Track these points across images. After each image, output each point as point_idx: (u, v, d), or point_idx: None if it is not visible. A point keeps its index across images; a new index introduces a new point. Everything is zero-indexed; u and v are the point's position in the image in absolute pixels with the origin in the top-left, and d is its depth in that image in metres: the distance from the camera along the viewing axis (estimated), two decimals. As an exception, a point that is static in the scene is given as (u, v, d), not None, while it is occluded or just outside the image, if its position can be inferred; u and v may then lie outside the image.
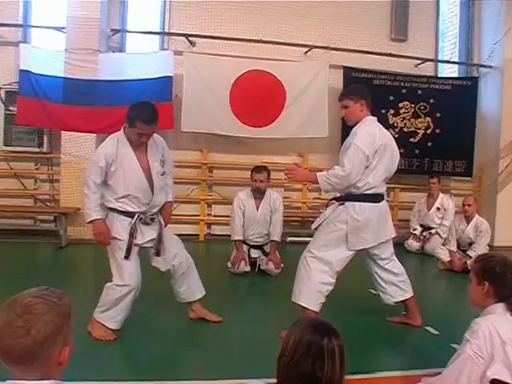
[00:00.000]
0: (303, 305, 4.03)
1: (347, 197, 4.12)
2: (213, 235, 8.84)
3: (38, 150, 8.28)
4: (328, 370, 1.61)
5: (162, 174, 4.08)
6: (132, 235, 3.90)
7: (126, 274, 3.85)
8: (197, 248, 8.36)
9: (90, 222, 3.88)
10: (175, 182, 8.75)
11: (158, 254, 4.05)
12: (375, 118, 4.26)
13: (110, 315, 3.85)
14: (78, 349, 1.70)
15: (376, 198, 4.13)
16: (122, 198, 3.89)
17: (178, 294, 4.28)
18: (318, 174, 4.08)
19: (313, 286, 4.05)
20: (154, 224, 4.06)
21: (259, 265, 6.34)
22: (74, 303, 1.63)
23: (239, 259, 6.16)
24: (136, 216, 3.92)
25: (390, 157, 4.18)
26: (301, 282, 4.11)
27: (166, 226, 4.20)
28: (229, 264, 6.31)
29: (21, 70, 7.79)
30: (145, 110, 3.94)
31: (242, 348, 3.88)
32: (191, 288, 4.28)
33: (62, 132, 7.93)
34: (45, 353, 1.48)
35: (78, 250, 7.46)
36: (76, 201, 7.82)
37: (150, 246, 4.04)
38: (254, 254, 6.43)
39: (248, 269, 6.28)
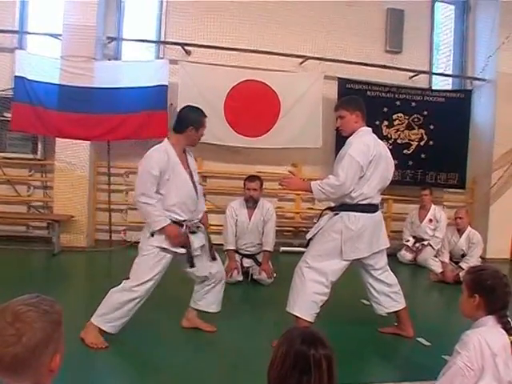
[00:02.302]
0: (297, 315, 4.03)
1: (342, 207, 4.13)
2: (206, 244, 8.82)
3: (32, 156, 8.27)
4: (315, 381, 1.60)
5: (200, 183, 4.25)
6: (190, 244, 4.00)
7: (147, 285, 3.88)
8: (190, 257, 8.33)
9: (161, 229, 3.89)
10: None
11: (214, 258, 4.23)
12: (370, 129, 4.28)
13: (109, 318, 3.84)
14: (70, 356, 1.70)
15: (371, 208, 4.14)
16: (173, 206, 3.94)
17: (195, 299, 4.34)
18: (312, 183, 4.09)
19: (307, 297, 4.05)
20: (200, 231, 4.19)
21: (252, 274, 6.33)
22: (66, 310, 1.63)
23: (232, 268, 6.16)
24: (185, 225, 4.00)
25: (385, 167, 4.20)
26: (295, 292, 4.11)
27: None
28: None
29: (16, 77, 7.80)
30: (198, 108, 4.18)
31: (235, 357, 3.87)
32: (212, 299, 4.34)
33: (57, 139, 7.93)
34: (36, 360, 1.48)
35: (70, 258, 7.44)
36: (69, 208, 7.81)
37: (198, 253, 4.12)
38: (247, 263, 6.42)
39: (240, 278, 6.27)
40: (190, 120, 4.05)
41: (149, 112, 8.03)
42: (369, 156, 4.02)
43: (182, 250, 3.99)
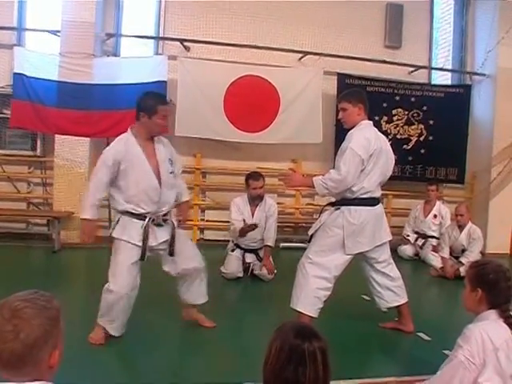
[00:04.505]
0: (300, 310, 4.05)
1: (343, 201, 4.14)
2: (206, 240, 8.82)
3: (31, 153, 8.26)
4: (310, 374, 1.60)
5: (171, 173, 4.07)
6: (146, 238, 3.88)
7: (119, 280, 3.81)
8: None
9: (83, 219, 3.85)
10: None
11: (171, 253, 4.03)
12: (371, 122, 4.30)
13: (107, 320, 3.86)
14: (70, 352, 1.70)
15: (371, 201, 4.16)
16: (132, 197, 3.86)
17: (182, 294, 4.27)
18: (314, 178, 4.10)
19: (310, 292, 4.07)
20: (167, 225, 4.05)
21: (252, 269, 6.34)
22: (66, 307, 1.63)
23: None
24: (148, 218, 3.90)
25: (385, 161, 4.22)
26: (299, 287, 4.13)
27: (182, 223, 4.30)
28: (222, 269, 6.31)
29: (15, 73, 7.79)
30: (157, 94, 4.14)
31: (235, 352, 3.88)
32: (197, 293, 4.29)
33: (56, 136, 7.93)
34: (34, 356, 1.48)
35: (70, 255, 7.43)
36: (69, 205, 7.81)
37: (163, 247, 4.03)
38: (249, 258, 6.42)
39: (241, 274, 6.29)
40: (141, 106, 3.92)
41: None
42: (369, 150, 4.03)
43: (152, 244, 3.93)
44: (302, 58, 8.91)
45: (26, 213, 8.46)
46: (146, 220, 3.89)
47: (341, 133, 8.81)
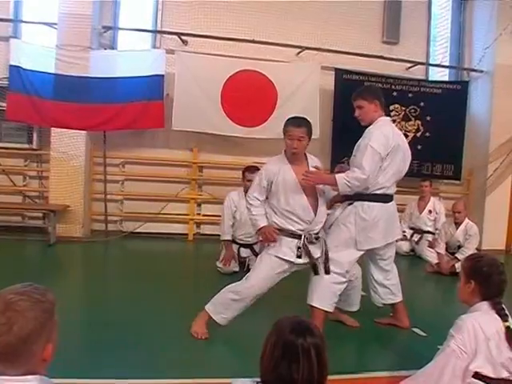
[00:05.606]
0: (317, 306, 4.03)
1: (356, 196, 4.12)
2: (202, 235, 8.83)
3: (27, 146, 8.24)
4: (304, 370, 1.60)
5: (324, 192, 4.13)
6: (301, 256, 3.95)
7: (252, 284, 4.02)
8: (186, 247, 8.35)
9: (259, 230, 4.01)
10: (165, 181, 8.71)
11: (327, 272, 4.05)
12: (389, 119, 4.31)
13: (219, 311, 4.03)
14: (63, 346, 1.69)
15: (385, 198, 4.17)
16: (284, 214, 3.94)
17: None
18: (337, 176, 4.03)
19: (326, 287, 4.05)
20: (318, 242, 4.06)
21: (248, 264, 6.33)
22: (61, 301, 1.62)
23: (229, 258, 6.18)
24: (303, 237, 3.95)
25: (402, 158, 4.22)
26: (314, 283, 4.11)
27: None
28: (218, 263, 6.30)
29: (11, 66, 7.75)
30: (294, 117, 4.14)
31: (231, 347, 3.89)
32: (351, 300, 4.44)
33: (52, 129, 7.90)
34: (28, 349, 1.48)
35: (66, 248, 7.42)
36: (65, 198, 7.80)
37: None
38: (244, 253, 6.42)
39: (237, 269, 6.28)
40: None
41: (145, 102, 8.01)
42: (388, 147, 4.02)
43: (300, 261, 3.97)
44: (299, 53, 8.89)
45: (21, 206, 8.43)
46: (302, 239, 3.96)
47: (338, 128, 8.80)
